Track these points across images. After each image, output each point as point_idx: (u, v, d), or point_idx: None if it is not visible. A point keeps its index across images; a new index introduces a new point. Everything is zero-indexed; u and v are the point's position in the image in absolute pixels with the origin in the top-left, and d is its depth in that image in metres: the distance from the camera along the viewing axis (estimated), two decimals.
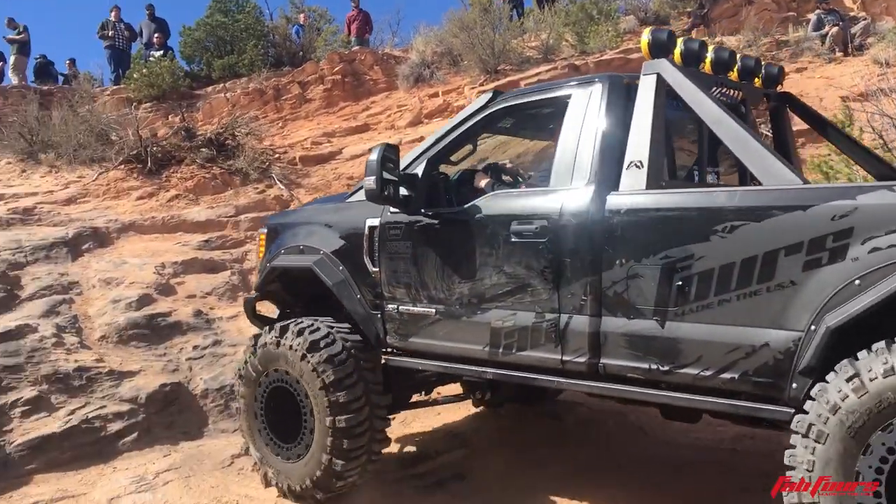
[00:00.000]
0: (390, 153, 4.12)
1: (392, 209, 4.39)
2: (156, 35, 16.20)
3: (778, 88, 4.59)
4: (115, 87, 15.78)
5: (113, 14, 16.40)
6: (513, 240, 3.84)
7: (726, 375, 3.17)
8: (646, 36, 3.80)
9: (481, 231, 4.00)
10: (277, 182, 10.32)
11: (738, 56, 4.23)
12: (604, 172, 3.65)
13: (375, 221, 4.49)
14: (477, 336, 4.01)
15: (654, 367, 3.38)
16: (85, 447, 5.68)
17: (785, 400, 3.05)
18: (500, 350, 3.93)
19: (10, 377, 6.05)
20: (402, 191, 4.22)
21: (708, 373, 3.22)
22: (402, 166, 4.32)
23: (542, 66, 12.37)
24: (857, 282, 2.84)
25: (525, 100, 4.31)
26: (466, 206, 4.11)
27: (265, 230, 5.42)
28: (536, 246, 3.74)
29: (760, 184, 3.32)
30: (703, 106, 3.56)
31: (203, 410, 6.29)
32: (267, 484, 4.91)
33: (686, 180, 4.23)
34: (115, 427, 5.86)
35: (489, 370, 4.07)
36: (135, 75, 14.88)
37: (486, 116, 4.37)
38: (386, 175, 4.11)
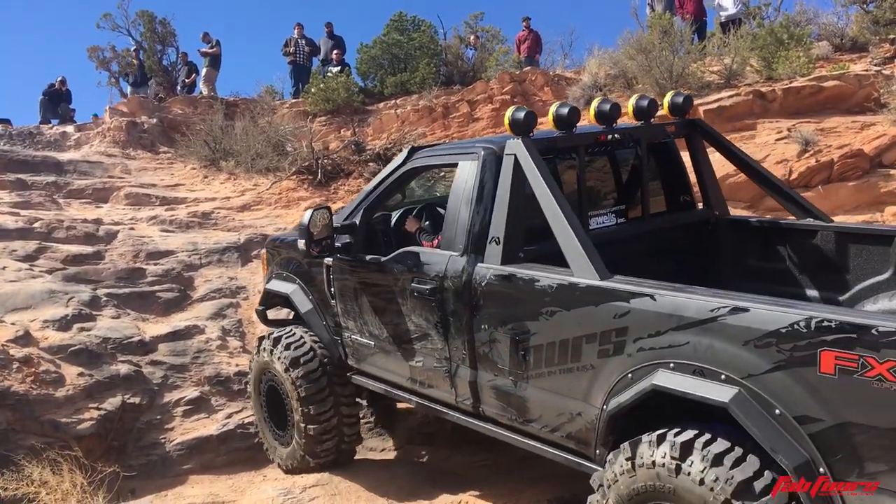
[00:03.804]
0: (319, 216, 4.58)
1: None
2: (335, 51, 16.78)
3: (686, 116, 4.82)
4: (293, 101, 16.48)
5: (296, 31, 17.17)
6: (415, 294, 4.25)
7: (558, 434, 3.68)
8: (508, 114, 3.98)
9: (395, 283, 4.46)
10: None
11: (630, 101, 4.59)
12: (475, 243, 3.98)
13: (331, 260, 4.96)
14: (401, 369, 4.57)
15: (513, 417, 3.90)
16: (239, 452, 5.78)
17: (594, 461, 3.51)
18: (418, 384, 4.49)
19: (175, 376, 6.27)
20: (346, 238, 4.73)
21: (547, 429, 3.73)
22: (346, 214, 4.87)
23: (724, 92, 11.62)
24: (629, 375, 3.22)
25: (431, 162, 4.69)
26: (385, 258, 4.53)
27: (265, 251, 5.99)
28: (430, 303, 4.15)
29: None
30: (539, 189, 3.73)
31: None
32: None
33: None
34: None
35: (414, 398, 4.62)
36: (312, 90, 15.45)
37: (404, 173, 4.73)
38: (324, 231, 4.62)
